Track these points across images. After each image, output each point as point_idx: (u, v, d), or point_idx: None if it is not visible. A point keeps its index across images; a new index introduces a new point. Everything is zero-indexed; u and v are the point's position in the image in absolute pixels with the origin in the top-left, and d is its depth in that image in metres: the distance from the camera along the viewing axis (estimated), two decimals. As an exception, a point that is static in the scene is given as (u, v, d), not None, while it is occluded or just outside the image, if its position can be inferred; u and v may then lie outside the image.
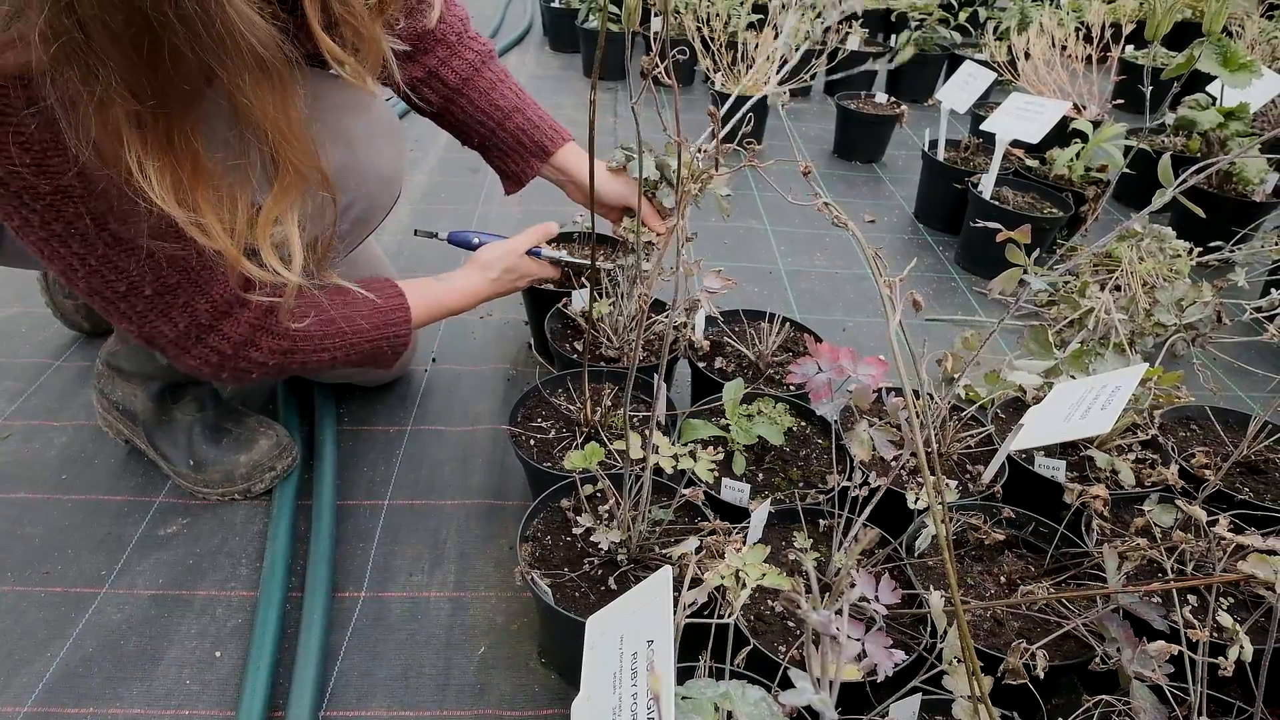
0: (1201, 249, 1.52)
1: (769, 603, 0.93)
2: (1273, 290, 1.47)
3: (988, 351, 1.06)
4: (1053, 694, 0.96)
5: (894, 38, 3.45)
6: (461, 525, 1.21)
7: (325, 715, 0.94)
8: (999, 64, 2.78)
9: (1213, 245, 1.58)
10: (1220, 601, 0.97)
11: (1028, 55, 2.67)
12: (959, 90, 2.28)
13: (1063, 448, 1.22)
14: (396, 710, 0.95)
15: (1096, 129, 2.16)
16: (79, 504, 1.20)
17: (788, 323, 1.39)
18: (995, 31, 3.18)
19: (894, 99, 2.78)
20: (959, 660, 0.69)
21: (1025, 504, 1.07)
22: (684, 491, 0.94)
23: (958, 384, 1.09)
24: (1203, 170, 1.14)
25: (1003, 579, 1.00)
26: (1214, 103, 2.33)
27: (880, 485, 0.85)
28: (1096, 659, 0.81)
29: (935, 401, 1.11)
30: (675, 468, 1.07)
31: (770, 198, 2.37)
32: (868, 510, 0.87)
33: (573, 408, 1.21)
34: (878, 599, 0.73)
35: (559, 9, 3.68)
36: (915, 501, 0.98)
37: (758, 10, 3.07)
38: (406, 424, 1.40)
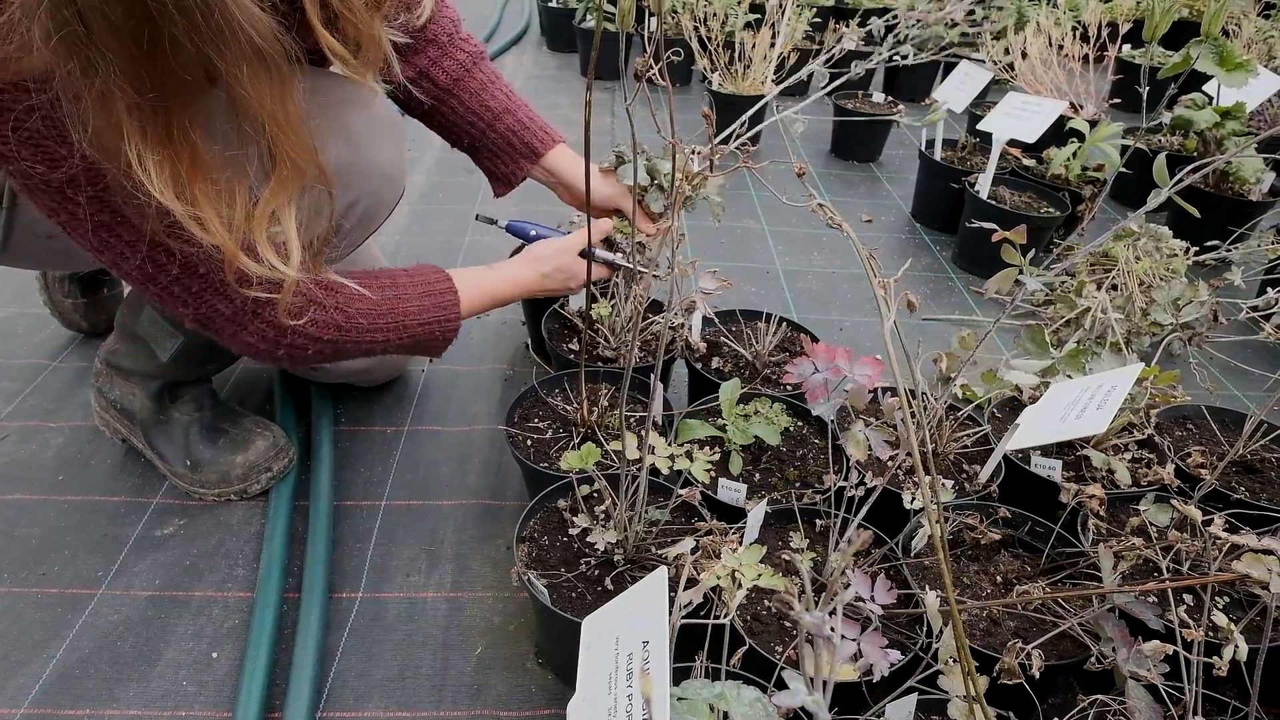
0: (1198, 248, 1.52)
1: (765, 603, 0.93)
2: (1269, 289, 1.48)
3: (985, 351, 1.06)
4: (1048, 693, 0.96)
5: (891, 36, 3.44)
6: (459, 526, 1.21)
7: (322, 716, 0.94)
8: (996, 63, 2.78)
9: (1209, 244, 1.58)
10: (1216, 601, 0.97)
11: (1025, 55, 2.67)
12: (956, 89, 2.28)
13: (1059, 447, 1.22)
14: (393, 711, 0.95)
15: (1093, 128, 2.16)
16: (76, 505, 1.20)
17: (784, 323, 1.39)
18: (992, 31, 3.18)
19: (891, 98, 2.78)
20: (954, 660, 0.69)
21: (1021, 503, 1.07)
22: (680, 492, 0.94)
23: (954, 383, 1.09)
24: (1198, 170, 1.14)
25: (999, 578, 1.00)
26: (1210, 102, 2.33)
27: (876, 485, 0.86)
28: (1092, 659, 0.81)
29: (931, 401, 1.12)
30: (672, 468, 1.07)
31: (767, 197, 2.37)
32: (864, 510, 0.88)
33: (570, 408, 1.21)
34: (873, 599, 0.73)
35: (556, 9, 3.68)
36: (911, 501, 0.99)
37: (754, 10, 3.07)
38: (404, 424, 1.40)
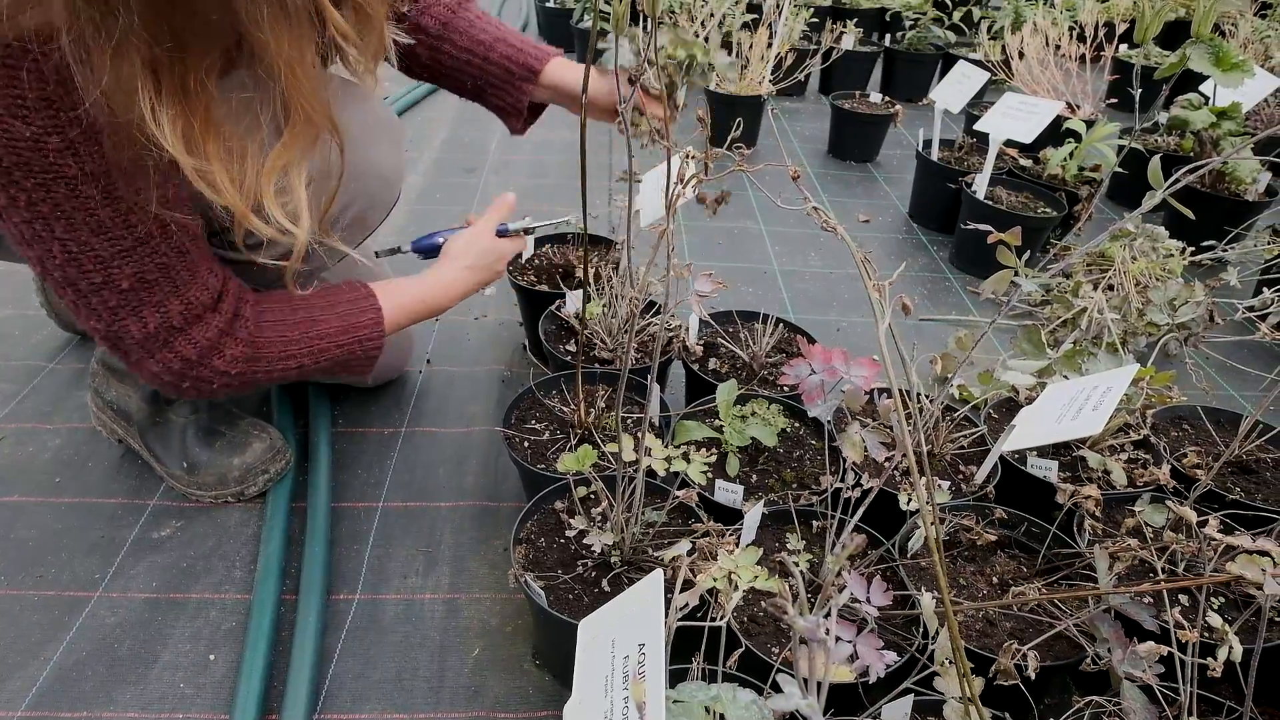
0: (1194, 248, 1.53)
1: (762, 604, 0.93)
2: (1265, 289, 1.48)
3: (982, 351, 1.06)
4: (1044, 694, 0.96)
5: (888, 36, 3.45)
6: (456, 527, 1.21)
7: (320, 718, 0.94)
8: (993, 63, 2.78)
9: (1206, 244, 1.59)
10: (1211, 601, 0.97)
11: (1021, 55, 2.68)
12: (953, 90, 2.29)
13: (1055, 448, 1.22)
14: (391, 713, 0.95)
15: (1090, 129, 2.17)
16: (73, 507, 1.20)
17: (781, 323, 1.40)
18: (989, 31, 3.19)
19: (888, 98, 2.79)
20: (950, 662, 0.69)
21: (1018, 504, 1.07)
22: (677, 493, 0.94)
23: (951, 384, 1.09)
24: (1194, 171, 1.14)
25: (995, 579, 1.00)
26: (1207, 102, 2.33)
27: (873, 487, 0.86)
28: (1088, 659, 0.81)
29: (928, 402, 1.12)
30: (669, 470, 1.07)
31: (765, 197, 2.38)
32: (860, 511, 0.88)
33: (567, 409, 1.21)
34: (869, 601, 0.74)
35: (554, 9, 3.68)
36: (908, 502, 0.99)
37: (752, 10, 3.07)
38: (401, 426, 1.40)
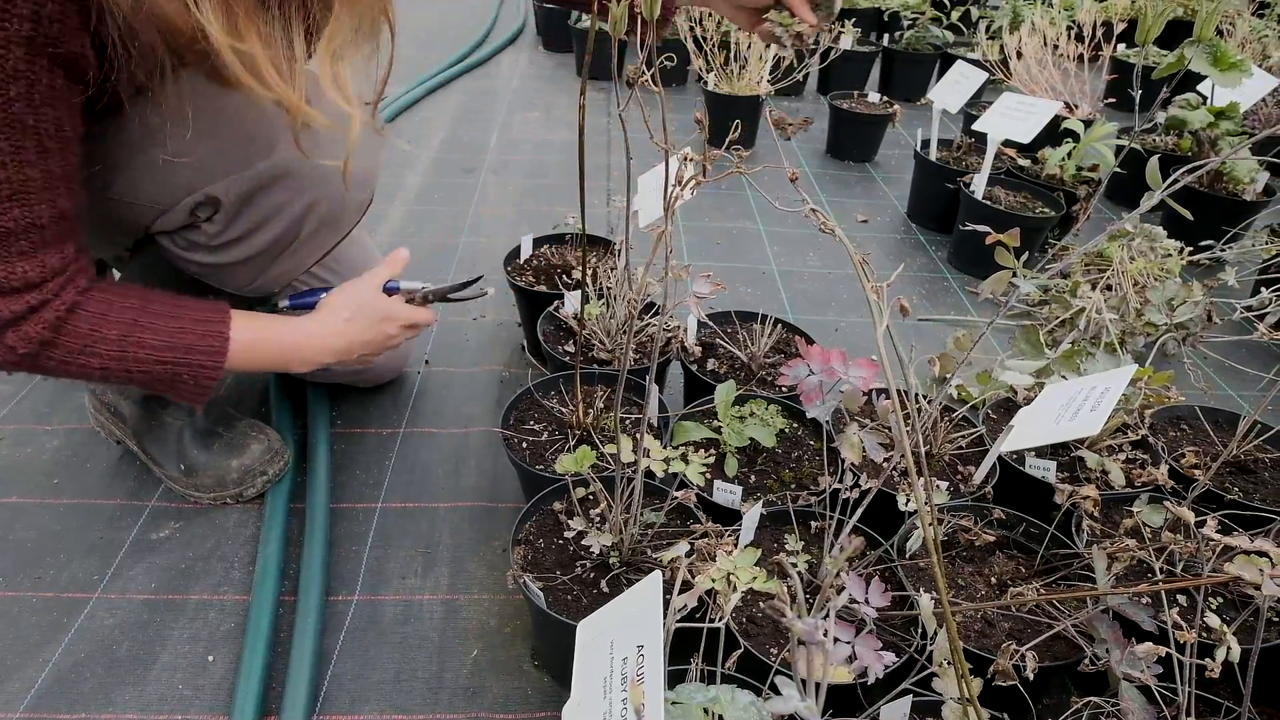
0: (1193, 248, 1.53)
1: (761, 605, 0.93)
2: (1263, 289, 1.48)
3: (980, 351, 1.06)
4: (1043, 695, 0.96)
5: (886, 36, 3.45)
6: (455, 528, 1.21)
7: (318, 719, 0.94)
8: (991, 63, 2.78)
9: (1204, 244, 1.59)
10: (1209, 601, 0.97)
11: (1020, 54, 2.68)
12: (951, 90, 2.29)
13: (1053, 448, 1.22)
14: (389, 714, 0.95)
15: (1088, 128, 2.17)
16: (71, 508, 1.20)
17: (780, 324, 1.40)
18: (987, 31, 3.19)
19: (886, 98, 2.79)
20: (949, 663, 0.69)
21: (1016, 504, 1.07)
22: (676, 494, 0.94)
23: (949, 384, 1.09)
24: (1192, 171, 1.14)
25: (993, 580, 1.01)
26: (1205, 102, 2.34)
27: (871, 488, 0.86)
28: (1086, 660, 0.82)
29: (927, 403, 1.12)
30: (667, 470, 1.07)
31: (765, 196, 2.37)
32: (859, 512, 0.88)
33: (565, 410, 1.21)
34: (868, 601, 0.74)
35: (552, 9, 3.68)
36: (906, 503, 0.99)
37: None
38: (400, 426, 1.40)
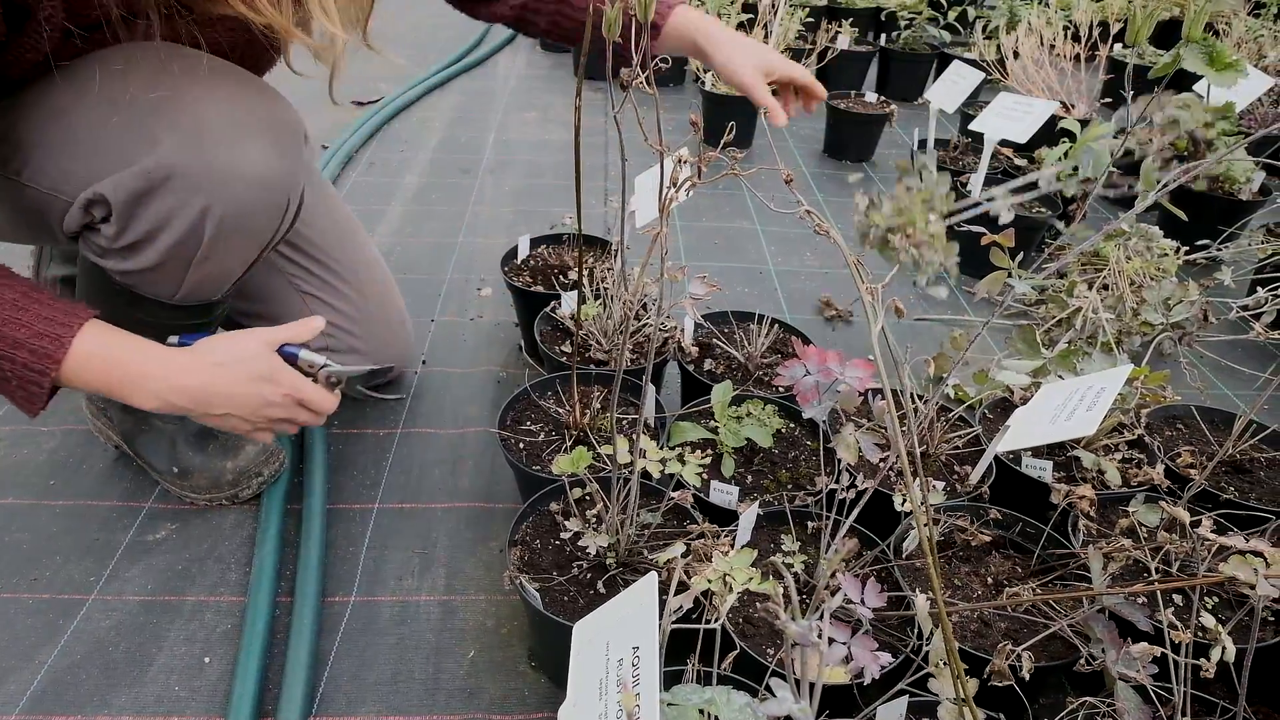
0: (1188, 248, 1.53)
1: (758, 605, 0.93)
2: (1259, 289, 1.48)
3: (977, 351, 1.06)
4: (1039, 694, 0.97)
5: (883, 36, 3.45)
6: (452, 529, 1.21)
7: (315, 720, 0.94)
8: (988, 63, 2.78)
9: (1200, 244, 1.59)
10: (1205, 601, 0.97)
11: (1016, 54, 2.68)
12: (948, 90, 2.29)
13: (1050, 448, 1.22)
14: (386, 715, 0.95)
15: (1084, 128, 2.17)
16: (67, 509, 1.20)
17: (776, 324, 1.40)
18: (984, 30, 3.19)
19: (884, 98, 2.79)
20: (944, 663, 0.69)
21: (1012, 504, 1.07)
22: (672, 495, 0.94)
23: (945, 384, 1.09)
24: (1188, 172, 1.14)
25: (990, 580, 1.01)
26: (1200, 101, 2.34)
27: (867, 488, 0.86)
28: (1082, 660, 0.82)
29: (923, 403, 1.12)
30: (664, 471, 1.07)
31: (761, 197, 2.38)
32: (855, 513, 0.88)
33: (562, 410, 1.21)
34: (864, 602, 0.74)
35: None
36: (902, 503, 0.99)
37: (747, 10, 3.07)
38: (397, 426, 1.40)
